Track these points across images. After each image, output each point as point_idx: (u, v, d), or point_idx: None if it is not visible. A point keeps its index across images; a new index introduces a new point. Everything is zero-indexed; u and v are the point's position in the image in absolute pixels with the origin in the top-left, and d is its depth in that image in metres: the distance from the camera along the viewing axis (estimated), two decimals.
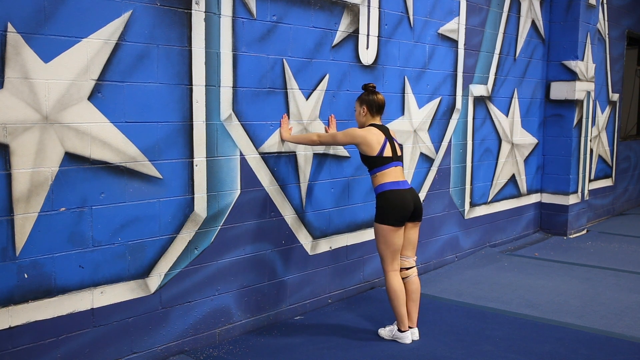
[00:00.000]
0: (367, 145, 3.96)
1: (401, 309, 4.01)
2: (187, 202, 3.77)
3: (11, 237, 3.03)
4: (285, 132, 4.26)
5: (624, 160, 9.62)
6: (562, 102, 7.38)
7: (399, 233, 3.96)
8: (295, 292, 4.56)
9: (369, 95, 4.08)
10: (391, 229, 3.92)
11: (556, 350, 3.97)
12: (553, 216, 7.60)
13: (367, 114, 4.08)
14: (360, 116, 4.12)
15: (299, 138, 4.24)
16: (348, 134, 4.04)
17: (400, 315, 4.03)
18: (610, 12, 8.44)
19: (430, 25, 5.53)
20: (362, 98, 4.10)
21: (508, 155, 6.91)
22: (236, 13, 3.91)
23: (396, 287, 3.99)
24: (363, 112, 4.09)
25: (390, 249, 3.97)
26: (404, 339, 4.05)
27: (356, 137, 3.99)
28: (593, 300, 5.05)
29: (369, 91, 4.09)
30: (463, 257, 6.30)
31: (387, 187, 3.95)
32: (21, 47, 2.97)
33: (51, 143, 3.11)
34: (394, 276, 4.00)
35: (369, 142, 3.95)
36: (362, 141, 3.96)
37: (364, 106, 4.07)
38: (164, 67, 3.57)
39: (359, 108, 4.11)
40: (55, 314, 3.22)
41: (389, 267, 4.01)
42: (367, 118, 4.09)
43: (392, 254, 3.98)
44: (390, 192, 3.93)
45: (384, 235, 3.95)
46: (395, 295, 3.99)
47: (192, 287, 3.86)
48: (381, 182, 3.97)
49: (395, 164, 4.00)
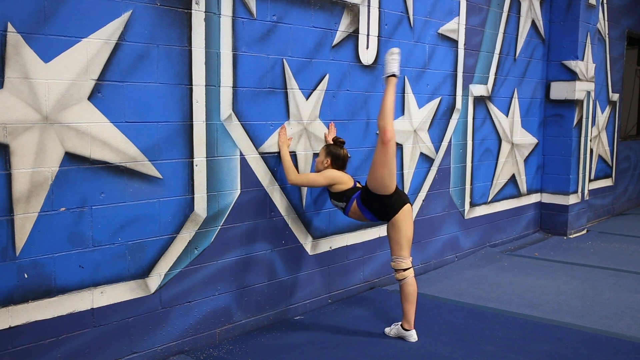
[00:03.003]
0: (343, 183, 4.22)
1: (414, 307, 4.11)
2: (187, 202, 3.77)
3: (11, 237, 3.03)
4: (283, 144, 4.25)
5: (624, 160, 9.62)
6: (562, 102, 7.38)
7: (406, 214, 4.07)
8: (295, 292, 4.56)
9: (336, 149, 4.29)
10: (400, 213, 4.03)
11: (556, 350, 3.97)
12: (553, 216, 7.60)
13: (329, 166, 4.27)
14: (322, 165, 4.29)
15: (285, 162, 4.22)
16: (327, 176, 4.21)
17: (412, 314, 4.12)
18: (610, 12, 8.44)
19: (430, 25, 5.53)
20: (329, 150, 4.29)
21: (508, 155, 6.91)
22: (236, 13, 3.91)
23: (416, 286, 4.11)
24: (326, 163, 4.27)
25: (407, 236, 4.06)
26: (410, 337, 4.11)
27: (335, 177, 4.20)
28: (593, 300, 5.05)
29: (338, 145, 4.32)
30: (463, 257, 6.30)
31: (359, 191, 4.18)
32: (21, 47, 2.97)
33: (51, 143, 3.11)
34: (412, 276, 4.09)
35: (345, 180, 4.23)
36: (339, 181, 4.21)
37: (329, 158, 4.27)
38: (164, 67, 3.57)
39: (323, 157, 4.29)
40: (55, 314, 3.22)
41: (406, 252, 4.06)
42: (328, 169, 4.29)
43: (408, 240, 4.08)
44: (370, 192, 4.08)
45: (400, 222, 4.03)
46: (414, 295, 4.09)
47: (192, 287, 3.86)
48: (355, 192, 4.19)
49: None
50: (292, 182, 4.19)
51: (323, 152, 4.30)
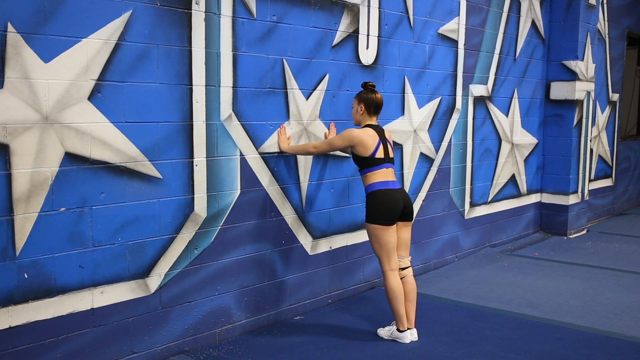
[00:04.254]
0: (362, 146, 3.97)
1: (400, 308, 4.01)
2: (187, 202, 3.77)
3: (11, 237, 3.03)
4: (283, 142, 4.26)
5: (624, 160, 9.62)
6: (562, 102, 7.38)
7: (390, 231, 3.98)
8: (295, 292, 4.56)
9: (368, 94, 4.07)
10: (382, 228, 3.95)
11: (556, 350, 3.97)
12: (553, 216, 7.60)
13: (365, 112, 4.08)
14: (357, 114, 4.12)
15: (297, 149, 4.25)
16: (345, 136, 4.03)
17: (399, 315, 4.03)
18: (610, 12, 8.44)
19: (430, 25, 5.53)
20: (360, 96, 4.09)
21: (508, 155, 6.91)
22: (236, 13, 3.91)
23: (394, 286, 4.00)
24: (361, 111, 4.09)
25: (384, 248, 3.98)
26: (403, 338, 4.05)
27: (353, 137, 3.99)
28: (593, 300, 5.05)
29: (368, 90, 4.09)
30: (463, 257, 6.30)
31: (376, 186, 3.98)
32: (21, 47, 2.97)
33: (51, 143, 3.11)
34: (392, 276, 4.01)
35: (365, 142, 3.97)
36: (359, 142, 3.97)
37: (362, 104, 4.07)
38: (164, 67, 3.57)
39: (356, 106, 4.11)
40: (55, 314, 3.22)
41: (386, 266, 4.02)
42: (364, 117, 4.10)
43: (386, 253, 4.00)
44: (379, 191, 3.97)
45: (376, 235, 3.98)
46: (393, 295, 4.00)
47: (192, 287, 3.86)
48: (371, 182, 4.00)
49: (387, 166, 4.03)
50: (316, 153, 4.21)
51: (355, 100, 4.11)
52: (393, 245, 4.00)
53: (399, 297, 4.00)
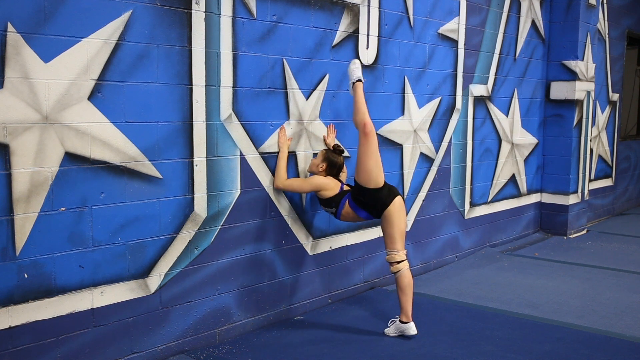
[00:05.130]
0: (328, 189, 4.26)
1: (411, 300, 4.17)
2: (187, 202, 3.77)
3: (11, 237, 3.03)
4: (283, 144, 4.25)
5: (624, 160, 9.62)
6: (562, 102, 7.38)
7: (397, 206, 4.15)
8: (295, 292, 4.56)
9: (334, 157, 4.32)
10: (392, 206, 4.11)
11: (556, 350, 3.97)
12: (553, 216, 7.60)
13: (324, 171, 4.31)
14: (316, 168, 4.32)
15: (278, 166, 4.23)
16: (313, 183, 4.26)
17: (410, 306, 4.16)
18: (610, 12, 8.44)
19: (430, 25, 5.53)
20: (327, 156, 4.32)
21: (508, 155, 6.91)
22: (236, 13, 3.91)
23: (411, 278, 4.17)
24: (321, 168, 4.31)
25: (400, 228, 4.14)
26: (409, 329, 4.14)
27: (320, 184, 4.25)
28: (593, 300, 5.05)
29: (337, 152, 4.34)
30: (463, 257, 6.30)
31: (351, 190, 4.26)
32: (21, 47, 2.97)
33: (51, 143, 3.11)
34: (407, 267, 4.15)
35: (330, 186, 4.27)
36: (325, 187, 4.25)
37: (325, 164, 4.31)
38: (164, 67, 3.57)
39: (319, 161, 4.32)
40: (55, 314, 3.22)
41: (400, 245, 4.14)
42: (322, 175, 4.32)
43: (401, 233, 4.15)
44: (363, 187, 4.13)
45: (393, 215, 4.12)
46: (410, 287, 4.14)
47: (192, 287, 3.86)
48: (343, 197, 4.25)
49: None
50: (278, 187, 4.23)
51: (321, 156, 4.33)
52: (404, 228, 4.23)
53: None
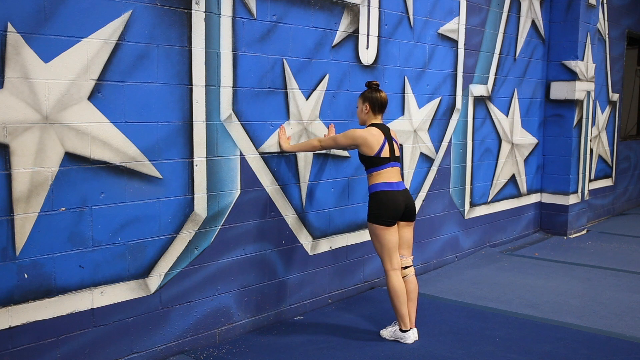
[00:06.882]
0: (366, 146, 3.98)
1: (402, 308, 4.02)
2: (187, 202, 3.77)
3: (11, 237, 3.03)
4: (284, 142, 4.26)
5: (624, 160, 9.62)
6: (562, 102, 7.38)
7: (392, 231, 3.99)
8: (295, 292, 4.56)
9: (372, 93, 4.07)
10: (382, 228, 3.97)
11: (556, 350, 3.97)
12: (553, 216, 7.60)
13: (369, 111, 4.08)
14: (362, 113, 4.12)
15: (299, 147, 4.24)
16: (348, 135, 4.04)
17: (402, 315, 4.03)
18: (610, 12, 8.44)
19: (430, 25, 5.53)
20: (365, 95, 4.09)
21: (508, 155, 6.91)
22: (236, 13, 3.91)
23: (397, 286, 4.00)
24: (365, 110, 4.09)
25: (385, 247, 4.00)
26: (406, 338, 4.05)
27: (356, 138, 4.00)
28: (593, 300, 5.05)
29: (372, 89, 4.09)
30: (463, 257, 6.30)
31: (379, 187, 3.99)
32: (21, 47, 2.97)
33: (51, 143, 3.11)
34: (394, 275, 4.02)
35: (369, 143, 3.97)
36: (362, 142, 3.98)
37: (367, 104, 4.07)
38: (164, 67, 3.57)
39: (361, 105, 4.11)
40: (55, 314, 3.22)
41: (388, 265, 4.03)
42: (369, 116, 4.10)
43: (388, 252, 4.01)
44: (381, 192, 3.98)
45: (377, 235, 4.01)
46: (396, 295, 4.00)
47: (192, 287, 3.86)
48: (375, 182, 4.02)
49: (392, 165, 4.03)
50: (320, 148, 4.18)
51: (360, 99, 4.11)
52: (394, 245, 4.01)
53: (402, 296, 4.01)
